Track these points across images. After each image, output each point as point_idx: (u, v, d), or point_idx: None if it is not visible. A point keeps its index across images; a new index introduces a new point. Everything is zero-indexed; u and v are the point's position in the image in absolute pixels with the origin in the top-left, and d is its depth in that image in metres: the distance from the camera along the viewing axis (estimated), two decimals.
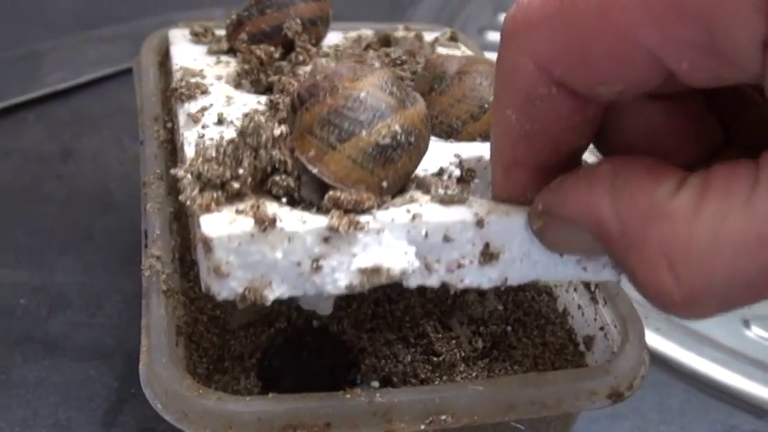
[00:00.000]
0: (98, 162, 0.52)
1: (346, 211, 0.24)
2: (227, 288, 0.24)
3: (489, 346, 0.33)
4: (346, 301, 0.33)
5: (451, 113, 0.31)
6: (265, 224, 0.23)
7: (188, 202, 0.24)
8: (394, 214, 0.24)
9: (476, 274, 0.25)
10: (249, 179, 0.24)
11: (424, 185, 0.26)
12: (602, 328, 0.32)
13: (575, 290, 0.34)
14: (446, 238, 0.25)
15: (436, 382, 0.31)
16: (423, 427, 0.27)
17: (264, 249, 0.23)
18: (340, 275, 0.24)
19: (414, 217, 0.24)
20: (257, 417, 0.26)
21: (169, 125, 0.39)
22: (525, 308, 0.35)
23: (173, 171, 0.25)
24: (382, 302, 0.34)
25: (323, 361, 0.34)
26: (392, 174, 0.25)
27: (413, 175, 0.26)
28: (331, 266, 0.24)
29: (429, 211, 0.25)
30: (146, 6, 0.68)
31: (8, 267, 0.44)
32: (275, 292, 0.24)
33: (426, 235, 0.24)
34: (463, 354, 0.32)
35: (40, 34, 0.64)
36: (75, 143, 0.54)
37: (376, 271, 0.24)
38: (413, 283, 0.25)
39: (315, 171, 0.24)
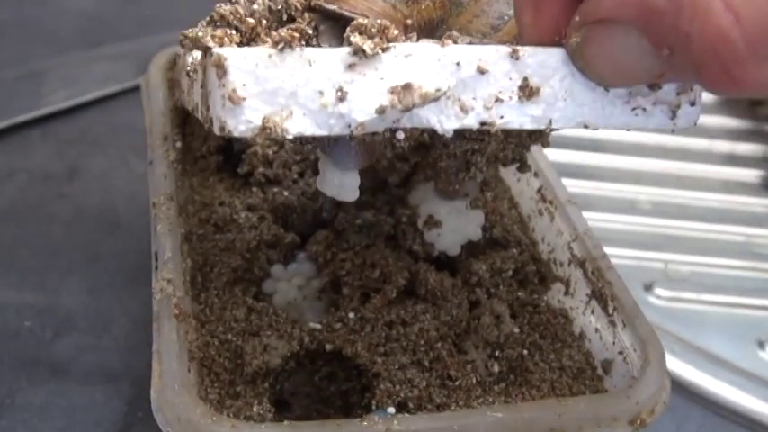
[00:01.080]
0: (104, 181, 0.52)
1: (370, 37, 0.23)
2: (244, 121, 0.22)
3: (506, 370, 0.33)
4: (360, 324, 0.33)
5: (471, 29, 0.30)
6: (283, 45, 0.22)
7: (200, 34, 0.23)
8: (422, 44, 0.23)
9: (516, 111, 0.24)
10: (264, 21, 0.23)
11: (450, 39, 0.25)
12: (620, 352, 0.32)
13: (591, 312, 0.34)
14: (480, 70, 0.24)
15: (452, 408, 0.30)
16: None
17: (283, 75, 0.22)
18: (368, 100, 0.23)
19: (444, 44, 0.23)
20: None
21: (178, 144, 0.38)
22: (541, 330, 0.34)
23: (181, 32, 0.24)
24: (396, 325, 0.33)
25: (336, 385, 0.33)
26: (416, 14, 0.24)
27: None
28: (357, 92, 0.22)
29: (460, 46, 0.24)
30: (150, 24, 0.67)
31: (13, 288, 0.43)
32: (297, 125, 0.22)
33: (459, 65, 0.23)
34: (479, 378, 0.32)
35: (45, 52, 0.64)
36: (81, 162, 0.53)
37: (407, 88, 0.23)
38: (448, 125, 0.24)
39: (333, 8, 0.23)
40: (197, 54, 0.28)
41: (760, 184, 0.58)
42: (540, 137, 0.32)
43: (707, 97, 0.66)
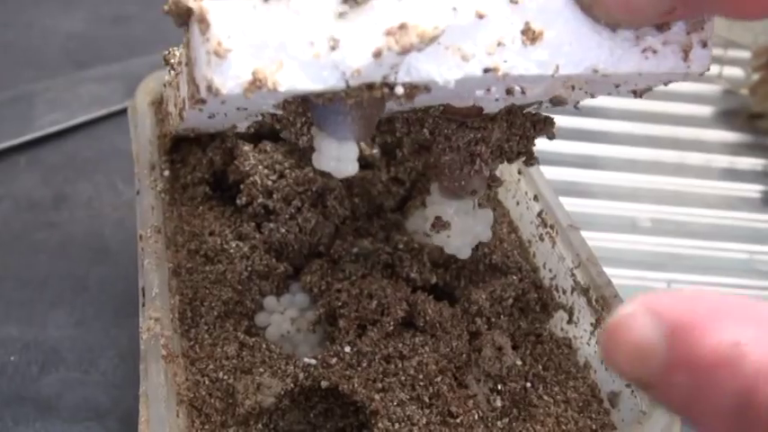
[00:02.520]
0: (92, 208, 0.50)
1: None
2: (232, 76, 0.21)
3: (509, 404, 0.31)
4: (356, 359, 0.32)
5: None
6: None
7: None
8: None
9: (521, 56, 0.24)
10: None
11: None
12: (628, 385, 0.30)
13: (597, 342, 0.33)
14: (478, 15, 0.23)
15: None
16: None
17: (270, 26, 0.21)
18: (363, 45, 0.22)
19: None
20: None
21: (166, 173, 0.37)
22: (544, 362, 0.33)
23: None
24: (394, 359, 0.32)
25: (332, 423, 0.32)
26: None
27: None
28: (350, 38, 0.22)
29: None
30: (138, 46, 0.66)
31: None
32: (288, 78, 0.21)
33: (455, 9, 0.22)
34: (481, 414, 0.31)
35: (32, 75, 0.62)
36: (69, 188, 0.52)
37: (403, 28, 0.22)
38: (450, 75, 0.23)
39: None
40: (179, 52, 0.27)
41: (761, 198, 0.57)
42: (544, 127, 0.31)
43: (704, 111, 0.65)
